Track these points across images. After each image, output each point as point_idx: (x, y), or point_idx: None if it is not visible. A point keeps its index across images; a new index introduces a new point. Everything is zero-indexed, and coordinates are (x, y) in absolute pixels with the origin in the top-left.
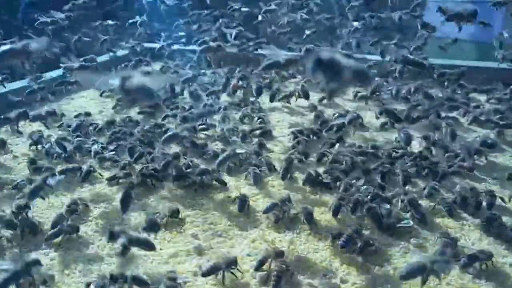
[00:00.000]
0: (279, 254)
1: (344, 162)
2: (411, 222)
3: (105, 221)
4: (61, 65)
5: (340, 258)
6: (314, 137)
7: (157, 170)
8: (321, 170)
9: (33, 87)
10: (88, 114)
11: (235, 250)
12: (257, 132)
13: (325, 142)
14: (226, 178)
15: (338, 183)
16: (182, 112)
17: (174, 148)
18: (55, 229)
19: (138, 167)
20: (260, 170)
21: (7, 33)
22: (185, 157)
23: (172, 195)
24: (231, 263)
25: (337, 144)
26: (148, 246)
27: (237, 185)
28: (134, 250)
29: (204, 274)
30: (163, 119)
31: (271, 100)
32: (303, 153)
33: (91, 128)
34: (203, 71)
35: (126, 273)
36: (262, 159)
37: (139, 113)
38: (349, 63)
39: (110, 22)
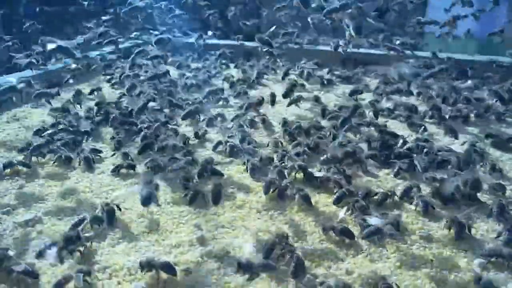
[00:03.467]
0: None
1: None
2: None
3: None
4: None
5: (346, 250)
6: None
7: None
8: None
9: None
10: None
11: (238, 241)
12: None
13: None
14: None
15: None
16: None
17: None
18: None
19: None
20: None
21: (8, 26)
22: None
23: (173, 186)
24: None
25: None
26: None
27: (241, 178)
28: (136, 240)
29: None
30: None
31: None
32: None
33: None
34: None
35: None
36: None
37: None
38: None
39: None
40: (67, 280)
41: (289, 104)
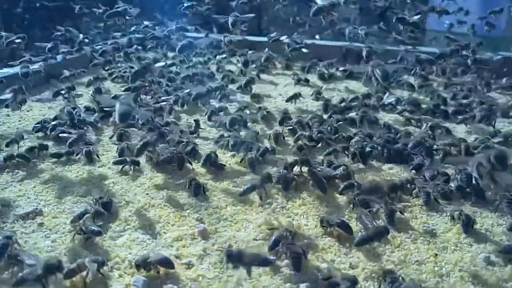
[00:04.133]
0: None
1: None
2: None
3: None
4: None
5: (350, 243)
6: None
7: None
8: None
9: None
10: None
11: (241, 234)
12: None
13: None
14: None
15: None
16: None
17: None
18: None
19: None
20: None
21: (8, 21)
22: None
23: (175, 179)
24: None
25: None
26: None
27: (243, 171)
28: (138, 233)
29: None
30: None
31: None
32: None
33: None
34: None
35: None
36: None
37: None
38: None
39: None
40: (81, 269)
41: (288, 100)
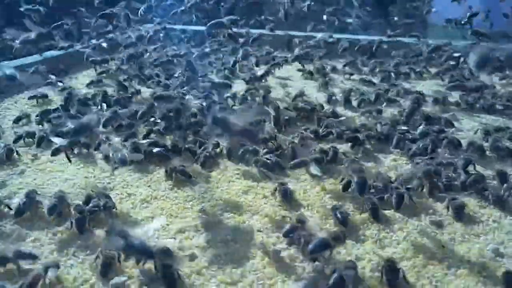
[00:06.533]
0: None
1: None
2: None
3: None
4: None
5: (354, 236)
6: None
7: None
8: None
9: None
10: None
11: (245, 226)
12: None
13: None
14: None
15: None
16: None
17: None
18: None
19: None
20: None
21: (8, 16)
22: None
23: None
24: None
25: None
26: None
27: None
28: (141, 226)
29: None
30: None
31: None
32: None
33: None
34: None
35: None
36: None
37: None
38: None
39: None
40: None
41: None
